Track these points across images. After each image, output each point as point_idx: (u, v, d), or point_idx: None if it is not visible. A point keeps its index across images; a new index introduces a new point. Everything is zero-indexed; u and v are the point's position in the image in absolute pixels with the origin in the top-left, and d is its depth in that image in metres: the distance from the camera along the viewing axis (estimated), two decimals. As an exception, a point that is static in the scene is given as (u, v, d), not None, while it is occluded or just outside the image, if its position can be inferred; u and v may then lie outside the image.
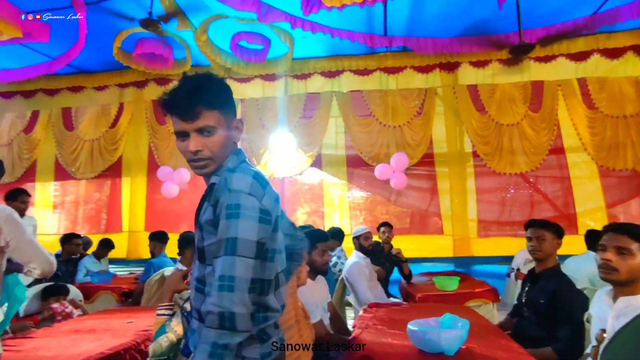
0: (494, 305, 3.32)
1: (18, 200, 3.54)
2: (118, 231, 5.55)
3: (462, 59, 4.88)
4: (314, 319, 2.16)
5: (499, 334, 2.04)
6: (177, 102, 1.04)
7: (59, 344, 2.13)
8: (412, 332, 1.68)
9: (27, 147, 5.92)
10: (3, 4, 3.53)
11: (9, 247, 1.70)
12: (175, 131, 1.08)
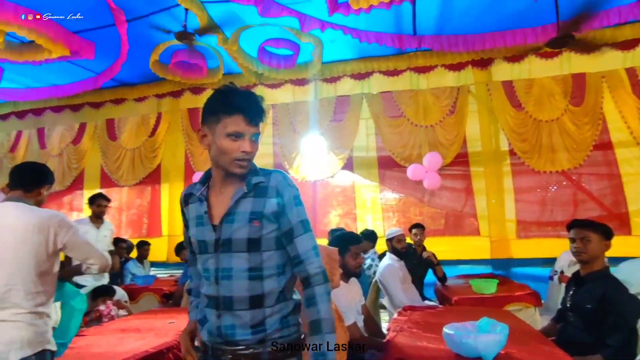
0: (536, 310, 3.18)
1: (95, 204, 3.81)
2: (158, 235, 5.79)
3: (496, 54, 4.73)
4: (348, 322, 2.17)
5: (541, 340, 1.96)
6: (250, 106, 1.17)
7: (107, 342, 2.27)
8: (448, 336, 1.65)
9: (76, 157, 6.31)
10: (51, 25, 3.80)
11: (67, 248, 1.82)
12: (231, 131, 1.15)
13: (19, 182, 1.89)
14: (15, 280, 1.69)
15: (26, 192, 1.87)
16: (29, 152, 6.55)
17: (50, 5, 3.70)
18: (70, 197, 6.47)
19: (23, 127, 6.64)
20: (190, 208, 1.28)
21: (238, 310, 1.16)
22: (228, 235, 1.17)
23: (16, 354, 1.64)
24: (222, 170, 1.22)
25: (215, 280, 1.18)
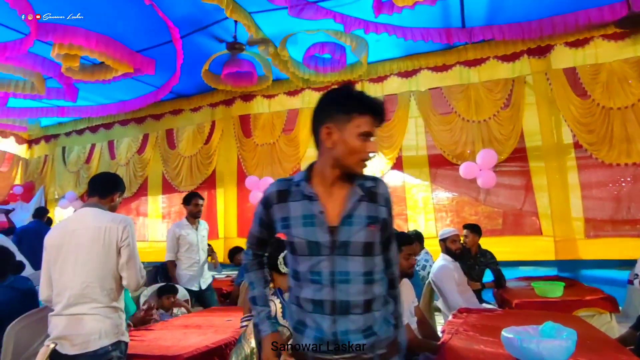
0: (613, 316, 2.91)
1: (192, 203, 3.96)
2: (215, 238, 6.07)
3: (555, 40, 4.40)
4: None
5: (617, 349, 1.79)
6: (380, 108, 1.23)
7: (173, 336, 2.43)
8: (507, 340, 1.57)
9: (140, 165, 6.83)
10: (117, 46, 4.16)
11: (120, 260, 1.99)
12: (363, 131, 1.19)
13: (95, 190, 2.09)
14: (92, 278, 1.88)
15: (101, 199, 2.07)
16: (102, 162, 7.20)
17: (115, 27, 4.05)
18: (137, 203, 6.99)
19: (96, 140, 7.32)
20: (291, 206, 1.22)
21: (353, 315, 1.15)
22: (346, 238, 1.16)
23: (95, 344, 1.82)
24: (339, 169, 1.22)
25: (330, 283, 1.15)
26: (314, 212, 1.19)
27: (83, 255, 1.90)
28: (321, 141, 1.23)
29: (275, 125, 5.79)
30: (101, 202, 2.06)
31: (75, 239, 1.92)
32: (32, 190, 7.77)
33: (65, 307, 1.87)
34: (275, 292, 1.97)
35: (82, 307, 1.86)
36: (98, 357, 1.82)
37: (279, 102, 5.83)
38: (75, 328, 1.83)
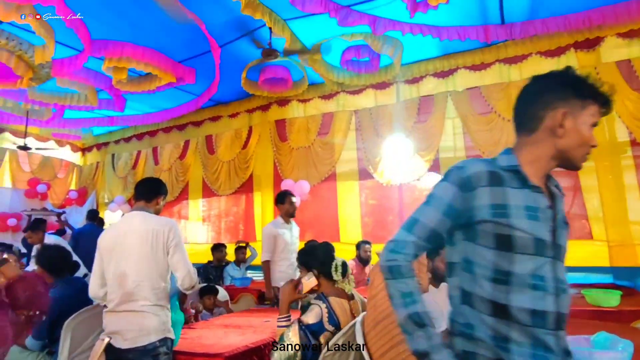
0: (678, 329, 2.67)
1: (287, 202, 3.90)
2: (253, 240, 6.20)
3: (606, 32, 4.12)
4: (439, 329, 2.08)
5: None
6: (610, 100, 1.06)
7: (214, 335, 2.51)
8: (556, 349, 1.49)
9: (182, 170, 7.13)
10: (161, 58, 4.38)
11: (169, 254, 2.09)
12: (595, 121, 1.06)
13: (141, 194, 2.22)
14: (142, 277, 2.00)
15: (147, 203, 2.19)
16: (147, 168, 7.59)
17: (158, 39, 4.27)
18: (179, 207, 7.29)
19: (141, 147, 7.72)
20: (509, 192, 1.02)
21: (563, 332, 1.02)
22: (561, 241, 1.05)
23: (144, 339, 1.93)
24: (558, 162, 1.08)
25: (555, 291, 0.99)
26: (540, 206, 1.02)
27: (134, 256, 2.02)
28: (544, 127, 1.07)
29: (311, 129, 5.85)
30: (147, 205, 2.18)
31: (126, 241, 2.05)
32: (86, 195, 8.32)
33: (118, 305, 2.01)
34: (320, 297, 1.98)
35: (133, 305, 1.98)
36: (147, 352, 1.93)
37: (314, 106, 5.88)
38: (127, 324, 1.96)
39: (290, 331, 1.80)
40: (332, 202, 5.64)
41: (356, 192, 5.54)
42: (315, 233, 5.50)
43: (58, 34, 3.74)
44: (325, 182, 5.68)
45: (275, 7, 3.68)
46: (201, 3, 3.62)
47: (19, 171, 7.67)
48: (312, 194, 5.62)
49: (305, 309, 1.97)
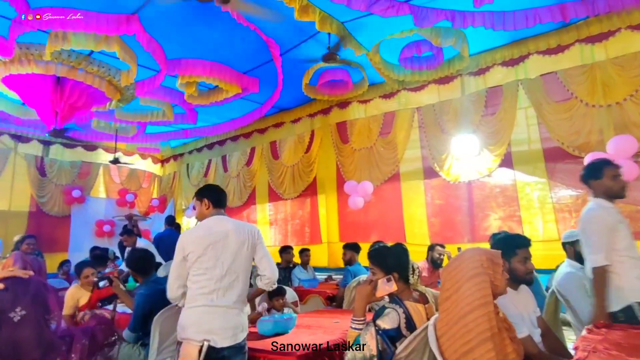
0: None
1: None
2: (318, 242, 6.32)
3: None
4: (521, 334, 1.94)
5: None
6: None
7: (285, 335, 2.59)
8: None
9: (249, 176, 7.48)
10: (227, 71, 4.65)
11: (256, 256, 2.22)
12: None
13: (221, 201, 2.36)
14: (236, 276, 2.14)
15: (224, 209, 2.34)
16: (217, 175, 8.09)
17: (223, 53, 4.54)
18: (248, 211, 7.65)
19: (212, 156, 8.25)
20: None
21: None
22: None
23: (241, 336, 2.08)
24: None
25: None
26: None
27: (234, 255, 2.16)
28: None
29: (372, 129, 5.80)
30: (225, 211, 2.34)
31: (227, 241, 2.17)
32: (165, 202, 9.09)
33: (213, 300, 2.07)
34: (396, 301, 1.92)
35: (227, 300, 2.10)
36: (241, 349, 2.06)
37: (374, 106, 5.84)
38: (225, 321, 2.05)
39: (366, 334, 1.77)
40: (396, 203, 5.54)
41: (421, 192, 5.37)
42: (380, 234, 5.44)
43: (139, 57, 4.15)
44: (388, 182, 5.60)
45: (333, 11, 3.72)
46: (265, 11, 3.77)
47: (110, 183, 8.61)
48: (376, 194, 5.57)
49: (380, 312, 1.91)
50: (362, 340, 1.76)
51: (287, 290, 3.91)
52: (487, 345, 1.51)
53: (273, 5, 3.53)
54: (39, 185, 7.57)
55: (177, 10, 3.70)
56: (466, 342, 1.54)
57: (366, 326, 1.83)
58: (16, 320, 1.28)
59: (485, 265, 1.62)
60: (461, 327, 1.57)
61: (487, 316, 1.54)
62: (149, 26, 3.82)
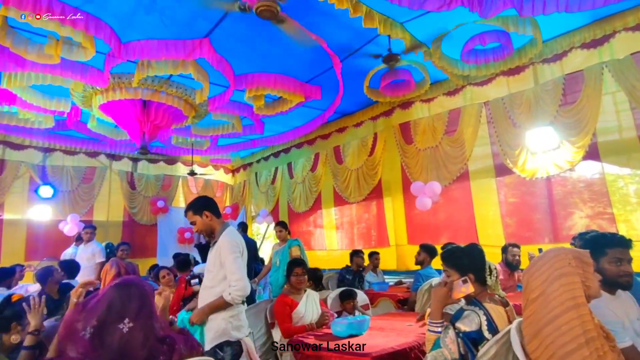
0: None
1: None
2: (386, 245, 6.25)
3: None
4: (622, 343, 1.76)
5: None
6: None
7: (361, 336, 2.62)
8: None
9: (314, 181, 7.65)
10: (291, 81, 4.84)
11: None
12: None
13: (219, 211, 2.58)
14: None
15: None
16: (283, 182, 8.39)
17: (286, 64, 4.73)
18: (314, 216, 7.82)
19: (278, 164, 8.59)
20: None
21: None
22: None
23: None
24: None
25: None
26: None
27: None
28: None
29: (437, 127, 5.64)
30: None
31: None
32: (237, 210, 9.63)
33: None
34: (475, 303, 1.85)
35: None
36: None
37: (438, 104, 5.67)
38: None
39: (446, 337, 1.74)
40: (466, 203, 5.31)
41: (493, 190, 5.08)
42: (451, 235, 5.25)
43: (210, 76, 4.50)
44: (457, 182, 5.39)
45: (392, 12, 3.71)
46: (320, 23, 3.88)
47: (189, 193, 9.36)
48: (444, 195, 5.38)
49: (458, 315, 1.86)
50: (442, 343, 1.73)
51: (358, 293, 3.96)
52: (582, 352, 1.39)
53: (330, 14, 3.61)
54: (130, 198, 8.48)
55: (242, 29, 3.96)
56: (561, 346, 1.43)
57: (445, 329, 1.79)
58: (125, 331, 1.33)
59: (574, 264, 1.50)
60: (552, 330, 1.46)
61: (580, 319, 1.43)
62: (218, 47, 4.13)
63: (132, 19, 3.70)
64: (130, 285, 1.44)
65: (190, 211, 2.49)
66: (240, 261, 2.39)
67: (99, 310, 1.34)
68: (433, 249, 4.54)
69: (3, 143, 7.02)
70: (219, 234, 2.46)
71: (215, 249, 2.45)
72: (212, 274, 2.39)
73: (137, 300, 1.40)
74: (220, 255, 2.38)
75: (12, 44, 3.46)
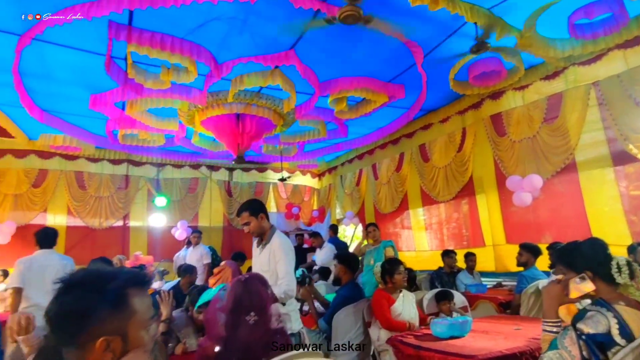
0: None
1: None
2: (481, 245, 5.88)
3: None
4: None
5: None
6: None
7: (464, 338, 2.53)
8: None
9: (399, 182, 7.52)
10: (372, 82, 4.86)
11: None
12: None
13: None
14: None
15: None
16: (368, 183, 8.41)
17: (368, 65, 4.76)
18: (401, 217, 7.68)
19: (362, 166, 8.64)
20: None
21: None
22: None
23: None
24: None
25: None
26: None
27: None
28: None
29: (533, 116, 5.16)
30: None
31: None
32: (324, 213, 9.90)
33: None
34: (601, 303, 1.66)
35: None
36: None
37: (534, 90, 5.19)
38: None
39: (565, 338, 1.59)
40: (574, 197, 4.74)
41: (611, 181, 4.44)
42: (556, 234, 4.75)
43: (296, 85, 4.73)
44: (561, 174, 4.85)
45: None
46: (399, 20, 3.83)
47: (279, 198, 9.89)
48: (546, 189, 4.89)
49: (581, 315, 1.67)
50: (560, 344, 1.59)
51: (456, 295, 3.80)
52: None
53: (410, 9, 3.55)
54: (228, 204, 9.26)
55: (324, 37, 4.10)
56: None
57: (564, 329, 1.65)
58: (251, 323, 1.49)
59: None
60: None
61: None
62: (303, 56, 4.34)
63: (226, 41, 4.08)
64: (253, 281, 1.63)
65: (247, 212, 2.67)
66: (292, 262, 2.59)
67: (231, 304, 1.54)
68: (536, 249, 4.17)
69: (127, 161, 8.22)
70: (270, 235, 2.66)
71: (268, 250, 2.63)
72: (267, 273, 2.50)
73: (258, 295, 1.58)
74: (275, 256, 2.57)
75: (136, 76, 4.07)
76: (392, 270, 3.16)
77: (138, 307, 0.92)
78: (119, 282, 0.92)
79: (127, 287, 0.92)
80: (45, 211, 7.47)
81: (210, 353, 1.52)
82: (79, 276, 0.92)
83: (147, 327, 0.95)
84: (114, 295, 0.90)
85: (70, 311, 0.87)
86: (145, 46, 3.47)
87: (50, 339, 1.06)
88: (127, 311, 0.90)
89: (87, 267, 0.84)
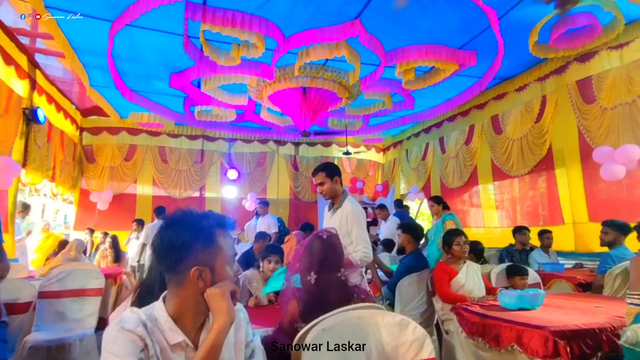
0: None
1: None
2: (559, 223, 5.47)
3: None
4: None
5: None
6: None
7: (534, 310, 2.44)
8: None
9: (469, 155, 7.18)
10: (441, 49, 4.63)
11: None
12: None
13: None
14: None
15: None
16: (435, 157, 8.14)
17: (436, 33, 4.54)
18: (469, 193, 7.36)
19: (429, 140, 8.37)
20: None
21: None
22: None
23: None
24: None
25: None
26: None
27: None
28: None
29: (634, 78, 4.53)
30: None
31: None
32: (388, 188, 9.83)
33: None
34: None
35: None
36: None
37: (636, 48, 4.53)
38: None
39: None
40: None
41: None
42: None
43: (361, 56, 4.68)
44: (664, 145, 4.28)
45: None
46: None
47: (344, 172, 9.94)
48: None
49: None
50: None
51: (529, 272, 3.63)
52: None
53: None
54: (294, 178, 9.59)
55: (389, 5, 3.98)
56: None
57: None
58: (312, 282, 1.66)
59: None
60: None
61: None
62: (369, 26, 4.26)
63: (291, 14, 4.14)
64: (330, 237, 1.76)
65: (324, 172, 2.69)
66: (365, 228, 2.59)
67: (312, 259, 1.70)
68: (624, 226, 3.78)
69: (203, 137, 8.86)
70: (342, 200, 2.67)
71: (340, 213, 2.65)
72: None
73: (334, 250, 1.69)
74: (347, 222, 2.58)
75: (210, 54, 4.33)
76: (450, 241, 3.10)
77: (223, 244, 1.08)
78: (210, 221, 1.07)
79: (216, 227, 1.07)
80: (135, 182, 8.40)
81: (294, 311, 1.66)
82: (177, 215, 1.08)
83: (230, 264, 1.10)
84: (205, 232, 1.05)
85: (170, 243, 1.04)
86: (218, 24, 3.66)
87: (154, 267, 1.26)
88: (215, 247, 1.06)
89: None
